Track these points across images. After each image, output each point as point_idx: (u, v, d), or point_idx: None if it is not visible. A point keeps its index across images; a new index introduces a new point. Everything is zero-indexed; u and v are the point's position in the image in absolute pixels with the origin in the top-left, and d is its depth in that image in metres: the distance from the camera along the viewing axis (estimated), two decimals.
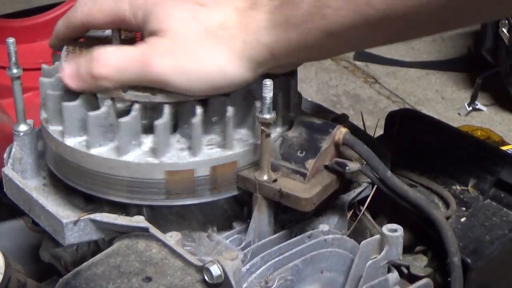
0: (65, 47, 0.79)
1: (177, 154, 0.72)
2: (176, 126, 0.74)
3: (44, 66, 0.78)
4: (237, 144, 0.73)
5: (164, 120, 0.70)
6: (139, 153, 0.72)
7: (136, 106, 0.71)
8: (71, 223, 0.72)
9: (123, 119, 0.70)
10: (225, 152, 0.72)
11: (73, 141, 0.73)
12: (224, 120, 0.72)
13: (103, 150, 0.72)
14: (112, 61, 0.70)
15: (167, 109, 0.71)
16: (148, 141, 0.72)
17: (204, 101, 0.73)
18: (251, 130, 0.74)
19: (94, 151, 0.72)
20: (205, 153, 0.72)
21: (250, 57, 0.69)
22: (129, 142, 0.71)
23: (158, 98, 0.71)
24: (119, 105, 0.73)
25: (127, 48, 0.71)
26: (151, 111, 0.73)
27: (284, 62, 0.72)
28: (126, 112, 0.72)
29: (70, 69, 0.73)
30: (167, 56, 0.69)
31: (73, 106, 0.72)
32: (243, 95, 0.74)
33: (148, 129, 0.73)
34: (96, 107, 0.72)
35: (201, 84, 0.70)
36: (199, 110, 0.71)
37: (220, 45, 0.69)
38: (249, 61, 0.70)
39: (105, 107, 0.71)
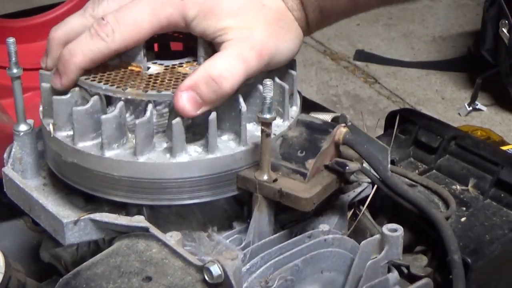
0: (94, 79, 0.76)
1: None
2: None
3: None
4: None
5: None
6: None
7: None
8: (71, 223, 0.72)
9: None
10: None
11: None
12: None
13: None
14: (235, 71, 0.71)
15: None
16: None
17: None
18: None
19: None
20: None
21: (308, 25, 0.79)
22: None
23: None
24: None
25: (232, 53, 0.72)
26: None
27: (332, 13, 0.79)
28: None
29: (189, 98, 0.70)
30: (267, 42, 0.73)
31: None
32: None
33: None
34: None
35: (288, 56, 0.77)
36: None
37: (289, 24, 0.76)
38: (307, 28, 0.79)
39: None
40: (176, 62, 0.78)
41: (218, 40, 0.73)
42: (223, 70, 0.71)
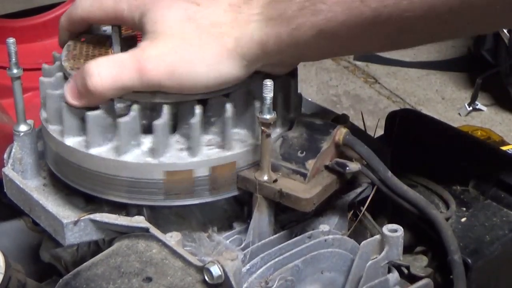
0: (66, 45, 0.79)
1: (176, 155, 0.72)
2: (175, 126, 0.74)
3: (44, 65, 0.78)
4: (236, 145, 0.73)
5: (163, 120, 0.70)
6: (138, 153, 0.72)
7: (135, 107, 0.71)
8: (71, 223, 0.71)
9: (123, 119, 0.70)
10: (224, 153, 0.72)
11: (73, 141, 0.73)
12: (223, 120, 0.72)
13: (102, 150, 0.72)
14: (105, 72, 0.70)
15: (166, 109, 0.71)
16: (147, 141, 0.72)
17: (203, 101, 0.73)
18: (251, 131, 0.74)
19: (93, 151, 0.72)
20: (204, 154, 0.72)
21: (242, 54, 0.69)
22: (128, 142, 0.71)
23: (157, 98, 0.71)
24: (119, 105, 0.73)
25: (118, 56, 0.71)
26: (151, 111, 0.73)
27: (276, 59, 0.72)
28: (126, 112, 0.72)
29: (70, 87, 0.72)
30: (160, 60, 0.69)
31: (76, 110, 0.72)
32: (242, 95, 0.74)
33: (148, 130, 0.73)
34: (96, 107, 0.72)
35: (195, 84, 0.70)
36: (198, 110, 0.71)
37: (212, 43, 0.69)
38: (241, 58, 0.69)
39: (105, 107, 0.71)
40: None
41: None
42: (97, 69, 0.70)
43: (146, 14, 0.71)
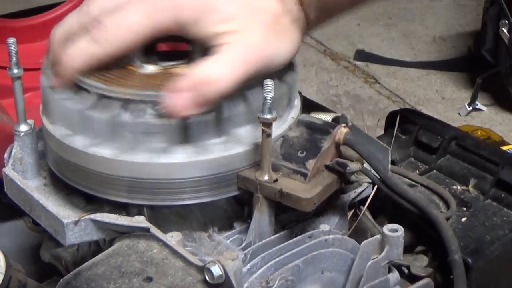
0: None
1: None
2: None
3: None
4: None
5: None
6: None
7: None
8: (72, 223, 0.72)
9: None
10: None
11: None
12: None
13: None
14: (227, 73, 0.71)
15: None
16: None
17: None
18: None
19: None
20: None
21: (292, 16, 0.76)
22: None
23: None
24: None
25: (225, 57, 0.71)
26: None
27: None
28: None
29: (180, 98, 0.70)
30: (258, 48, 0.72)
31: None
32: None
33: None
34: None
35: (283, 62, 0.76)
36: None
37: (287, 25, 0.75)
38: (293, 20, 0.76)
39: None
40: (173, 63, 0.78)
41: (212, 44, 0.73)
42: (216, 73, 0.70)
43: (208, 17, 0.72)
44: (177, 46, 0.82)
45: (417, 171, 0.92)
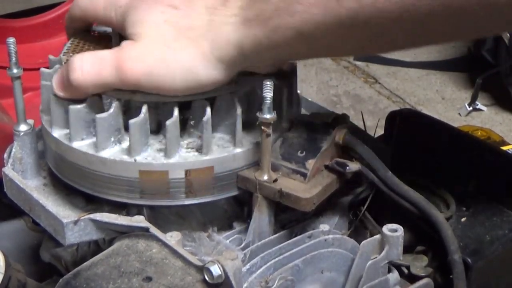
0: (70, 41, 0.80)
1: (152, 155, 0.72)
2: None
3: (43, 69, 0.78)
4: (216, 150, 0.73)
5: (139, 119, 0.70)
6: (116, 150, 0.72)
7: (115, 104, 0.71)
8: (72, 223, 0.72)
9: (100, 115, 0.71)
10: (201, 157, 0.72)
11: (59, 133, 0.74)
12: (203, 123, 0.72)
13: (83, 144, 0.73)
14: (87, 67, 0.71)
15: (144, 109, 0.71)
16: (128, 139, 0.73)
17: (188, 104, 0.73)
18: (233, 136, 0.74)
19: (75, 144, 0.73)
20: (181, 156, 0.72)
21: (219, 57, 0.69)
22: (107, 139, 0.71)
23: (137, 97, 0.71)
24: (106, 101, 0.73)
25: (101, 53, 0.72)
26: (136, 110, 0.73)
27: (255, 61, 0.72)
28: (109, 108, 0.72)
29: (57, 78, 0.74)
30: (138, 60, 0.70)
31: (63, 102, 0.73)
32: (227, 100, 0.74)
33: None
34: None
35: (171, 86, 0.70)
36: (175, 112, 0.71)
37: (188, 46, 0.69)
38: (218, 61, 0.69)
39: (89, 101, 0.72)
40: None
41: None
42: (80, 63, 0.71)
43: (127, 16, 0.73)
44: None
45: (417, 171, 0.92)
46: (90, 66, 0.71)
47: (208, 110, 0.72)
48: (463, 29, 0.64)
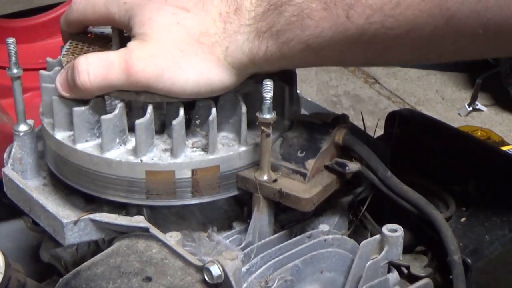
0: (67, 43, 0.80)
1: (158, 155, 0.72)
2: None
3: (42, 72, 0.78)
4: (221, 149, 0.73)
5: (145, 119, 0.70)
6: (121, 151, 0.72)
7: (121, 105, 0.71)
8: (71, 223, 0.72)
9: (105, 116, 0.71)
10: (207, 156, 0.72)
11: (62, 135, 0.74)
12: (208, 123, 0.72)
13: (88, 146, 0.72)
14: (93, 70, 0.70)
15: (150, 109, 0.71)
16: (133, 140, 0.72)
17: (193, 104, 0.73)
18: (238, 135, 0.74)
19: (80, 146, 0.72)
20: (187, 156, 0.72)
21: (232, 64, 0.70)
22: (112, 140, 0.71)
23: (142, 98, 0.71)
24: (110, 102, 0.73)
25: (107, 54, 0.72)
26: (141, 111, 0.73)
27: (265, 69, 0.73)
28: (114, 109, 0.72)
29: (61, 79, 0.74)
30: (148, 62, 0.69)
31: (66, 104, 0.73)
32: (232, 100, 0.74)
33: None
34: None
35: (184, 89, 0.70)
36: (181, 112, 0.71)
37: (202, 51, 0.70)
38: (231, 67, 0.70)
39: (93, 103, 0.72)
40: None
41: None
42: (86, 66, 0.71)
43: (134, 17, 0.72)
44: None
45: (417, 171, 0.92)
46: (97, 68, 0.70)
47: (214, 109, 0.72)
48: (469, 49, 0.65)
